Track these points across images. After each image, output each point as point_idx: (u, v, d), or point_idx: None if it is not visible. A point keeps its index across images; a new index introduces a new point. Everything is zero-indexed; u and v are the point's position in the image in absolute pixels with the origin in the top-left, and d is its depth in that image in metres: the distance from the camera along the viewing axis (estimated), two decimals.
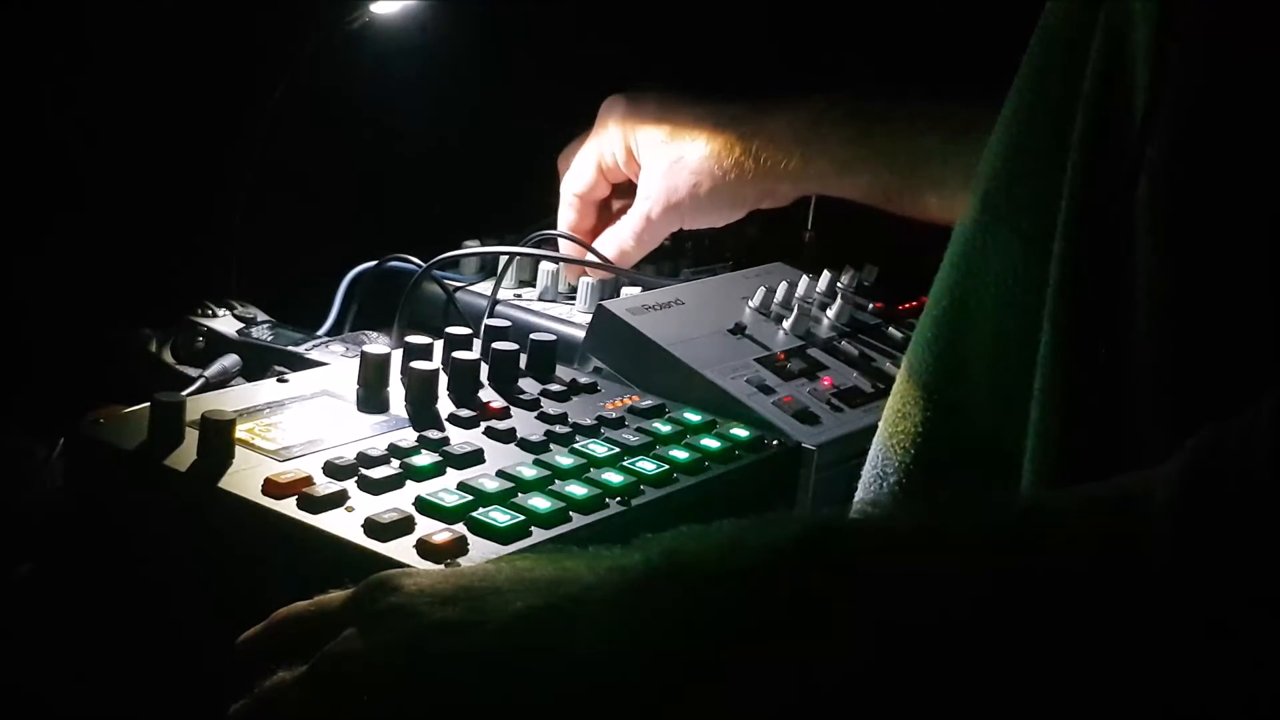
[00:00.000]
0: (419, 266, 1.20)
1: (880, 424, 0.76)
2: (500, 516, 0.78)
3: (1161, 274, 0.57)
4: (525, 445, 0.89)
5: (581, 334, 1.11)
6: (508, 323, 1.04)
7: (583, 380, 1.00)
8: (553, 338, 1.03)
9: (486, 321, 1.05)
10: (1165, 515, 0.47)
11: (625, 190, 1.26)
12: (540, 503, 0.81)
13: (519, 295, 1.23)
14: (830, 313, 1.15)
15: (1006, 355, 0.67)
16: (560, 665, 0.54)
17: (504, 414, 0.93)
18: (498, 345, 0.99)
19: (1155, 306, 0.57)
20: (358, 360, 0.95)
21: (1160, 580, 0.46)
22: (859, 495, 0.76)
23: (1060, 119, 0.63)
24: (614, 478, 0.85)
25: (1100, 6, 0.61)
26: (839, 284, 1.18)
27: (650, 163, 1.20)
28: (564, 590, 0.56)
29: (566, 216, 1.26)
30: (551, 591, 0.56)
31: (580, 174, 1.25)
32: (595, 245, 1.23)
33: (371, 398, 0.93)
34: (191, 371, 1.10)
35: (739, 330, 1.10)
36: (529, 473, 0.84)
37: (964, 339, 0.69)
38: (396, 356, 0.96)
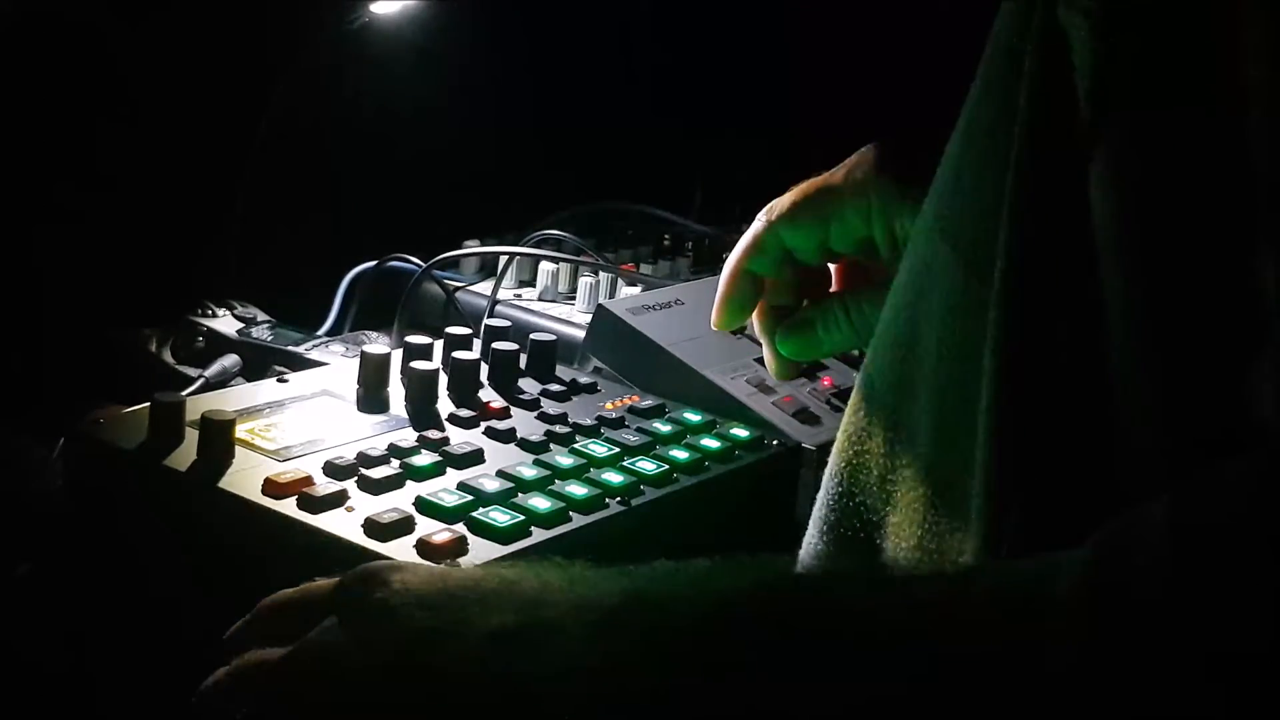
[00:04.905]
0: (419, 266, 1.20)
1: (840, 434, 0.73)
2: (500, 516, 0.78)
3: (1131, 295, 0.55)
4: (525, 445, 0.89)
5: (581, 334, 1.11)
6: (508, 323, 1.04)
7: (583, 380, 1.00)
8: (553, 338, 1.03)
9: (486, 321, 1.05)
10: (1068, 624, 0.47)
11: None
12: (540, 503, 0.81)
13: (519, 295, 1.23)
14: None
15: (947, 380, 0.63)
16: (526, 687, 0.55)
17: (504, 414, 0.93)
18: (498, 345, 0.99)
19: (1126, 330, 0.55)
20: (358, 360, 0.95)
21: (1063, 684, 0.47)
22: (818, 511, 0.73)
23: (999, 132, 0.60)
24: (614, 478, 0.85)
25: (1034, 13, 0.59)
26: None
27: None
28: (541, 612, 0.57)
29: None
30: (529, 611, 0.57)
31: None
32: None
33: (371, 398, 0.93)
34: (191, 371, 1.10)
35: (739, 330, 1.09)
36: (529, 473, 0.84)
37: (913, 359, 0.66)
38: (396, 356, 0.96)
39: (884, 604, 0.52)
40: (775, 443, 0.95)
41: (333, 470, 0.82)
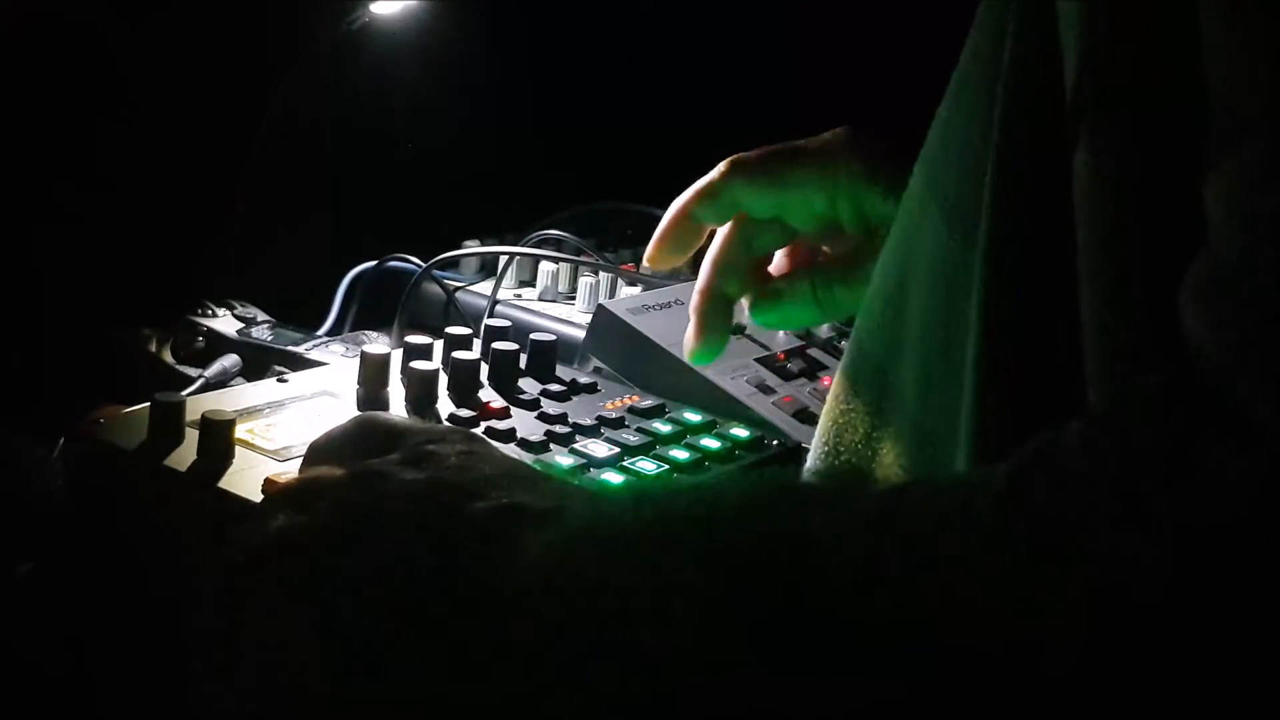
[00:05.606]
0: (419, 266, 1.20)
1: (830, 395, 0.72)
2: None
3: (1129, 293, 0.55)
4: (525, 445, 0.89)
5: (581, 334, 1.11)
6: (508, 323, 1.03)
7: (583, 380, 1.00)
8: (553, 338, 1.03)
9: (486, 321, 1.05)
10: (1069, 622, 0.47)
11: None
12: None
13: (519, 295, 1.23)
14: None
15: (931, 340, 0.64)
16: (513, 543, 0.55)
17: (504, 414, 0.93)
18: (498, 345, 0.99)
19: (1124, 327, 0.55)
20: (358, 360, 0.95)
21: (1063, 683, 0.47)
22: (807, 474, 0.73)
23: (984, 98, 0.60)
24: (614, 478, 0.85)
25: None
26: None
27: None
28: (544, 485, 0.58)
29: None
30: (558, 497, 0.58)
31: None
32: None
33: (371, 398, 0.93)
34: (191, 371, 1.10)
35: (739, 330, 1.09)
36: None
37: (901, 318, 0.66)
38: (396, 356, 0.96)
39: (881, 583, 0.52)
40: (775, 443, 0.95)
41: None
